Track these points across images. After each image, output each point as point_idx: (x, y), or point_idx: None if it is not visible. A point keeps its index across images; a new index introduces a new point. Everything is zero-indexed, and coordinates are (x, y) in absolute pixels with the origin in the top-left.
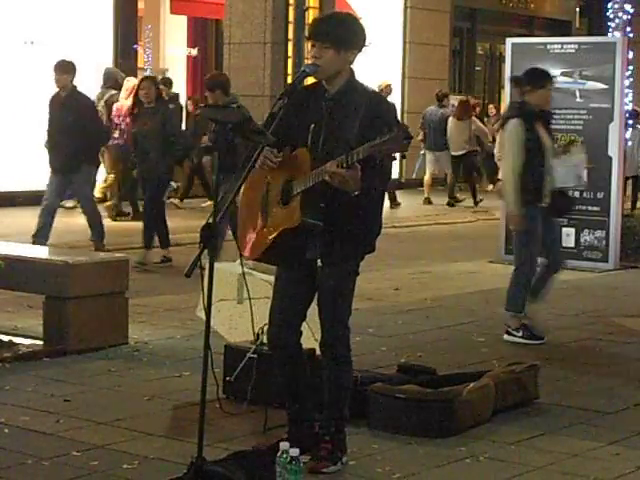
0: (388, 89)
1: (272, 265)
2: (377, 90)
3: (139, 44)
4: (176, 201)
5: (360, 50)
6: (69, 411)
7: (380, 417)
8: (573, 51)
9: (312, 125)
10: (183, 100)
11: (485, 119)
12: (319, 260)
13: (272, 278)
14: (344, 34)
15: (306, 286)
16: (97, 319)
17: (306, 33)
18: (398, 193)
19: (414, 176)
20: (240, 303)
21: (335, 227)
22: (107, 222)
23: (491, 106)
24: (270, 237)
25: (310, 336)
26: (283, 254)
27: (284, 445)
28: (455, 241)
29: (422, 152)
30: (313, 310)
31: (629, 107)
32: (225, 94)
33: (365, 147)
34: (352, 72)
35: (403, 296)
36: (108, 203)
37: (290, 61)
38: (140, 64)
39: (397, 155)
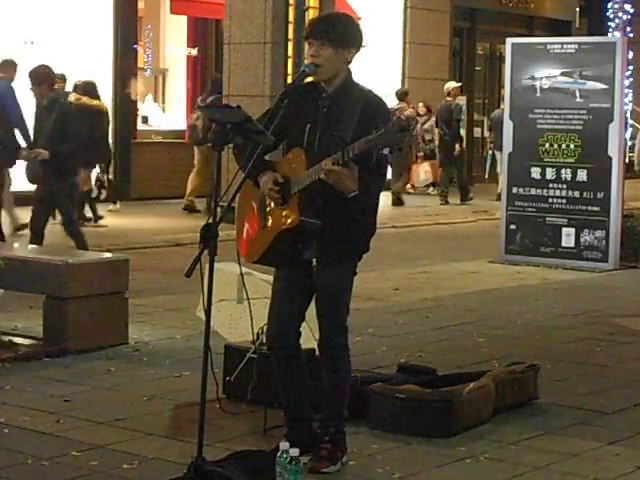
0: (456, 91)
1: (270, 267)
2: (445, 92)
3: (139, 44)
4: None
5: (358, 50)
6: (69, 411)
7: (380, 417)
8: (573, 51)
9: (308, 125)
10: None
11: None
12: (315, 260)
13: (272, 278)
14: (342, 33)
15: (304, 286)
16: (97, 319)
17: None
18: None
19: (486, 176)
20: (240, 303)
21: (332, 227)
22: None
23: (421, 104)
24: (269, 238)
25: (310, 336)
26: (281, 255)
27: (284, 445)
28: (455, 241)
29: (490, 152)
30: (313, 310)
31: (629, 107)
32: (50, 88)
33: (361, 142)
34: (349, 72)
35: (403, 296)
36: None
37: (290, 61)
38: (140, 64)
39: (387, 151)
